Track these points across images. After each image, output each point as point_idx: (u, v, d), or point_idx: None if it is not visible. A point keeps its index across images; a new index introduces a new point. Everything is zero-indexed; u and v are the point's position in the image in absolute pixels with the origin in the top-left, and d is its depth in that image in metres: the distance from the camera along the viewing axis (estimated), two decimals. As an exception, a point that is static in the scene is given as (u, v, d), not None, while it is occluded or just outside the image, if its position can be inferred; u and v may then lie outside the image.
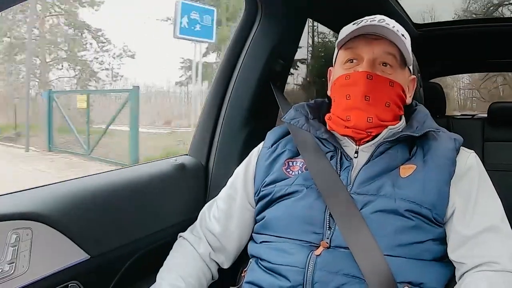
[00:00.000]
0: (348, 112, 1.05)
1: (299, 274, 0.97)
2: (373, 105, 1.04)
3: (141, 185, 1.24)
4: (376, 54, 1.06)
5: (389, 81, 1.06)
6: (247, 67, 1.45)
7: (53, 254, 0.96)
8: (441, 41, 2.63)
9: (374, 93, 1.04)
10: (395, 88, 1.07)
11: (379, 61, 1.06)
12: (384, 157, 1.05)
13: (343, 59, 1.10)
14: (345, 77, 1.07)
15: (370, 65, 1.05)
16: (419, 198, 0.98)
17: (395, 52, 1.06)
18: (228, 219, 1.18)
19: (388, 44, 1.05)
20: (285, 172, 1.12)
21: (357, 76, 1.05)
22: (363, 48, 1.06)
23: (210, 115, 1.48)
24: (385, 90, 1.05)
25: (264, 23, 1.45)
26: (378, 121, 1.05)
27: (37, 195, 1.01)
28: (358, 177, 1.03)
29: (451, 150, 1.04)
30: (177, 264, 1.13)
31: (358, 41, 1.07)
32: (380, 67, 1.07)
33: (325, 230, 1.00)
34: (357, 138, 1.07)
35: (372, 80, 1.04)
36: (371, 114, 1.04)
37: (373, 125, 1.04)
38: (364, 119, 1.04)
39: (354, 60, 1.08)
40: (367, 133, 1.05)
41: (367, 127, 1.05)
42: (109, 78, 15.77)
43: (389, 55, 1.06)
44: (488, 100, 10.85)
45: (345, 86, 1.07)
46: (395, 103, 1.08)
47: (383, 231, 0.96)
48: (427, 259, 0.97)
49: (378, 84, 1.05)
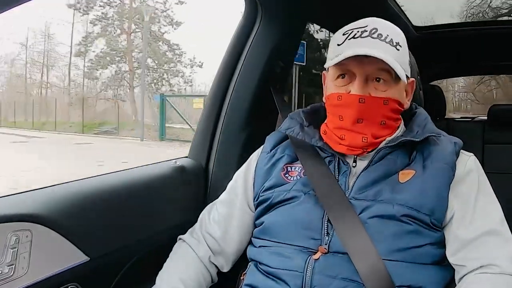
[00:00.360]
0: (342, 132, 1.04)
1: (298, 278, 0.97)
2: (367, 127, 1.02)
3: (141, 187, 1.24)
4: (368, 72, 1.01)
5: (383, 100, 1.02)
6: (247, 69, 1.45)
7: (53, 256, 0.96)
8: (441, 44, 2.64)
9: (368, 115, 1.01)
10: (390, 105, 1.03)
11: (372, 77, 1.02)
12: (383, 162, 1.04)
13: (334, 74, 1.05)
14: (337, 98, 1.04)
15: (361, 86, 1.01)
16: (418, 203, 0.97)
17: (388, 67, 0.99)
18: (228, 223, 1.18)
19: (381, 61, 0.98)
20: (284, 178, 1.11)
21: (349, 99, 1.02)
22: (354, 67, 1.01)
23: (210, 117, 1.48)
24: (379, 110, 1.02)
25: (264, 26, 1.45)
26: (373, 139, 1.03)
27: (37, 197, 1.01)
28: (357, 182, 1.03)
29: (450, 154, 1.03)
30: (177, 267, 1.13)
31: (349, 58, 0.99)
32: (373, 83, 1.02)
33: (323, 236, 1.00)
34: (357, 156, 1.06)
35: (365, 103, 1.00)
36: (366, 134, 1.02)
37: (368, 143, 1.03)
38: (359, 139, 1.02)
39: (346, 75, 1.04)
40: (363, 149, 1.04)
41: (362, 146, 1.03)
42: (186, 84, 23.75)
43: (382, 71, 1.01)
44: (483, 102, 11.15)
45: (337, 107, 1.04)
46: (391, 119, 1.05)
47: (381, 236, 0.96)
48: (425, 263, 0.97)
49: (371, 105, 1.01)
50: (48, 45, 26.93)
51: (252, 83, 1.45)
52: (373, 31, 1.02)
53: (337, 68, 1.04)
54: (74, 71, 26.18)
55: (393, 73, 1.01)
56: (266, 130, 1.47)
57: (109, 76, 23.83)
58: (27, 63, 26.90)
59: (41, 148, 14.05)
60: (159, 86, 23.11)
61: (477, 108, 10.93)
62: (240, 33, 1.47)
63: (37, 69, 27.32)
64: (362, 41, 1.01)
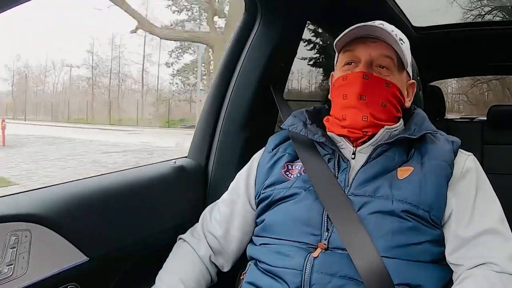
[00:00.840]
0: (344, 111, 1.07)
1: (297, 276, 0.97)
2: (368, 104, 1.05)
3: (140, 187, 1.24)
4: (373, 56, 1.07)
5: (385, 81, 1.07)
6: (246, 69, 1.45)
7: (52, 256, 0.96)
8: (441, 44, 2.64)
9: (370, 92, 1.05)
10: (391, 88, 1.08)
11: (376, 63, 1.08)
12: (381, 159, 1.05)
13: (342, 62, 1.12)
14: (343, 78, 1.09)
15: (366, 66, 1.07)
16: (416, 199, 0.98)
17: (392, 55, 1.08)
18: (229, 222, 1.18)
19: (385, 47, 1.07)
20: (284, 175, 1.12)
21: (353, 76, 1.07)
22: (360, 50, 1.08)
23: (210, 117, 1.48)
24: (381, 90, 1.07)
25: (264, 26, 1.45)
26: (373, 119, 1.05)
27: (36, 197, 1.01)
28: (356, 178, 1.04)
29: (448, 152, 1.04)
30: (177, 266, 1.13)
31: (356, 44, 1.08)
32: (377, 69, 1.08)
33: (323, 232, 1.00)
34: (353, 138, 1.08)
35: (368, 80, 1.06)
36: (366, 113, 1.05)
37: (368, 124, 1.05)
38: (359, 117, 1.05)
39: (353, 62, 1.10)
40: (363, 132, 1.06)
41: (362, 126, 1.05)
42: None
43: (386, 57, 1.08)
44: (475, 103, 11.89)
45: (342, 87, 1.09)
46: (392, 104, 1.08)
47: (380, 232, 0.97)
48: (424, 261, 0.97)
49: (374, 84, 1.06)
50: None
51: (252, 82, 1.45)
52: (380, 24, 1.08)
53: (345, 55, 1.11)
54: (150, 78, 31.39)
55: (395, 62, 1.08)
56: (266, 129, 1.47)
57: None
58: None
59: (163, 135, 16.82)
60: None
61: (469, 109, 12.06)
62: (240, 32, 1.47)
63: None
64: (371, 28, 1.07)
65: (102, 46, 40.37)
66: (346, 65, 1.11)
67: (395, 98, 1.09)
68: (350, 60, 1.10)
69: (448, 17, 4.08)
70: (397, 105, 1.10)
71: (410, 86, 1.16)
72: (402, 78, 1.11)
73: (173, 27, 24.83)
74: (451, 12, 4.19)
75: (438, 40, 2.60)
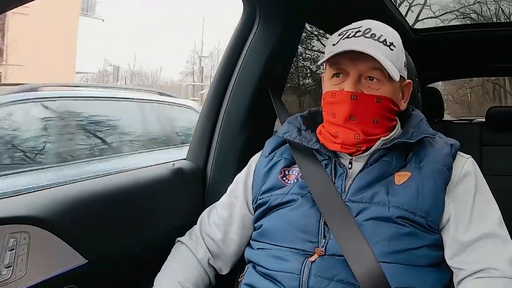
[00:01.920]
0: (336, 129, 1.05)
1: (295, 280, 0.97)
2: (359, 124, 1.02)
3: (139, 189, 1.24)
4: (361, 70, 1.02)
5: (376, 97, 1.03)
6: (245, 71, 1.45)
7: (51, 258, 0.96)
8: (439, 46, 2.64)
9: (360, 112, 1.02)
10: (383, 103, 1.04)
11: (365, 76, 1.03)
12: (379, 164, 1.04)
13: (330, 74, 1.08)
14: (331, 95, 1.05)
15: (354, 83, 1.02)
16: (413, 205, 0.97)
17: (381, 66, 1.01)
18: (228, 226, 1.18)
19: (373, 59, 1.00)
20: (281, 181, 1.12)
21: (341, 96, 1.03)
22: (348, 64, 1.03)
23: (208, 119, 1.48)
24: (371, 108, 1.03)
25: (262, 27, 1.45)
26: (366, 136, 1.03)
27: (35, 199, 1.01)
28: (353, 184, 1.03)
29: (447, 155, 1.03)
30: (175, 269, 1.13)
31: (343, 57, 1.03)
32: (366, 82, 1.03)
33: (320, 239, 1.00)
34: (347, 153, 1.07)
35: (357, 100, 1.02)
36: (358, 131, 1.02)
37: (361, 140, 1.03)
38: (352, 136, 1.03)
39: (340, 74, 1.05)
40: (357, 148, 1.05)
41: (355, 143, 1.04)
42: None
43: (375, 69, 1.02)
44: (459, 102, 13.68)
45: (331, 104, 1.06)
46: (385, 117, 1.06)
47: (377, 238, 0.96)
48: (422, 265, 0.97)
49: (364, 102, 1.02)
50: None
51: (251, 85, 1.45)
52: (367, 31, 1.04)
53: (332, 67, 1.07)
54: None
55: (386, 72, 1.02)
56: (265, 132, 1.47)
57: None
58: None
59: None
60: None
61: (454, 107, 13.30)
62: (238, 34, 1.47)
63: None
64: (356, 40, 1.03)
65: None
66: (334, 77, 1.07)
67: (388, 111, 1.06)
68: (337, 72, 1.06)
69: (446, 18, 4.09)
70: (391, 116, 1.08)
71: (406, 86, 1.12)
72: (394, 87, 1.06)
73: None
74: (449, 13, 4.19)
75: (436, 42, 2.61)
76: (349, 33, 1.05)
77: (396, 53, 1.05)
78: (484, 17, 5.21)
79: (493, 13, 5.33)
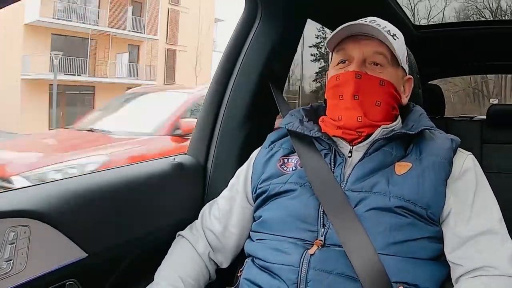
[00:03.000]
0: (340, 112, 1.06)
1: (293, 273, 0.97)
2: (362, 104, 1.05)
3: (139, 183, 1.24)
4: (366, 53, 1.06)
5: (379, 80, 1.06)
6: (246, 67, 1.45)
7: (51, 252, 0.96)
8: (440, 43, 2.64)
9: (363, 92, 1.05)
10: (386, 87, 1.06)
11: (369, 61, 1.07)
12: (379, 153, 1.05)
13: (336, 61, 1.11)
14: (336, 78, 1.08)
15: (359, 64, 1.06)
16: (414, 196, 0.98)
17: (385, 51, 1.06)
18: (228, 219, 1.18)
19: (378, 44, 1.06)
20: (280, 169, 1.13)
21: (346, 76, 1.06)
22: (352, 48, 1.07)
23: (209, 114, 1.48)
24: (374, 89, 1.05)
25: (264, 24, 1.45)
26: (368, 120, 1.05)
27: (35, 193, 1.01)
28: (353, 174, 1.03)
29: (447, 150, 1.03)
30: (176, 263, 1.13)
31: (348, 42, 1.07)
32: (371, 66, 1.07)
33: (319, 228, 1.00)
34: (348, 139, 1.07)
35: (361, 79, 1.04)
36: (360, 114, 1.04)
37: (363, 124, 1.05)
38: (354, 118, 1.04)
39: (346, 61, 1.09)
40: (358, 133, 1.05)
41: (357, 126, 1.05)
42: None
43: (379, 54, 1.06)
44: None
45: (336, 87, 1.08)
46: (387, 102, 1.07)
47: (377, 229, 0.96)
48: (422, 257, 0.97)
49: (367, 82, 1.05)
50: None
51: (252, 80, 1.45)
52: (372, 21, 1.07)
53: (337, 53, 1.10)
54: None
55: (388, 58, 1.06)
56: (265, 127, 1.47)
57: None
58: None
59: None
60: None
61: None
62: (240, 30, 1.47)
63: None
64: (361, 26, 1.06)
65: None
66: (339, 64, 1.10)
67: (390, 97, 1.08)
68: (343, 59, 1.09)
69: (448, 15, 4.08)
70: (393, 103, 1.09)
71: (407, 82, 1.14)
72: (397, 75, 1.10)
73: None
74: (451, 10, 4.19)
75: (438, 39, 2.60)
76: (353, 23, 1.07)
77: (400, 44, 1.09)
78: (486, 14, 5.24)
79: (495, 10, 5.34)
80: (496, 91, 16.63)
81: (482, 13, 5.89)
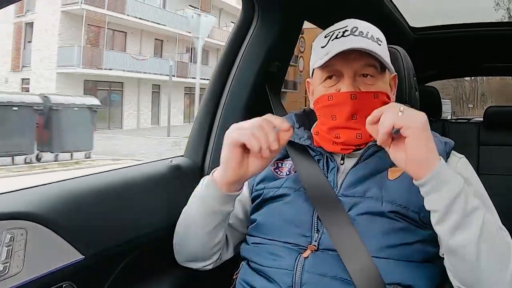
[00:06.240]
0: (337, 130, 1.05)
1: (288, 276, 0.97)
2: (361, 122, 1.01)
3: (136, 185, 1.23)
4: (356, 69, 1.04)
5: (373, 93, 1.04)
6: (243, 69, 1.45)
7: (48, 254, 0.95)
8: (437, 45, 2.64)
9: (361, 110, 1.02)
10: (380, 98, 1.05)
11: (359, 74, 1.05)
12: (372, 159, 1.05)
13: (322, 76, 1.08)
14: (328, 98, 1.06)
15: (351, 83, 1.03)
16: (406, 201, 0.98)
17: (374, 61, 1.04)
18: (232, 218, 1.17)
19: (366, 56, 1.02)
20: (274, 172, 1.14)
21: (340, 97, 1.03)
22: (342, 65, 1.04)
23: (206, 116, 1.48)
24: (370, 104, 1.03)
25: (261, 25, 1.45)
26: (367, 135, 1.02)
27: (32, 195, 1.01)
28: (346, 179, 1.04)
29: (440, 153, 1.01)
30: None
31: (335, 58, 1.02)
32: (361, 79, 1.05)
33: (313, 233, 1.00)
34: (345, 154, 1.07)
35: (357, 99, 1.03)
36: (360, 131, 1.03)
37: (363, 140, 1.04)
38: (353, 136, 1.04)
39: (334, 76, 1.06)
40: (356, 146, 1.05)
41: (356, 143, 1.05)
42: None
43: (369, 66, 1.04)
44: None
45: (329, 107, 1.06)
46: None
47: (371, 233, 0.97)
48: (416, 260, 0.97)
49: (363, 100, 1.03)
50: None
51: (249, 82, 1.45)
52: (354, 29, 1.05)
53: (324, 70, 1.07)
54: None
55: (378, 67, 1.05)
56: (262, 129, 1.46)
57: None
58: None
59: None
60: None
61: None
62: (237, 32, 1.47)
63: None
64: (345, 39, 1.04)
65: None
66: (327, 80, 1.07)
67: (384, 105, 1.04)
68: (331, 74, 1.06)
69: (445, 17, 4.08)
70: None
71: (392, 80, 1.13)
72: (386, 80, 1.09)
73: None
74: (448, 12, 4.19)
75: (435, 41, 2.61)
76: (336, 33, 1.06)
77: (384, 48, 1.08)
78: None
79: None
80: (471, 98, 19.93)
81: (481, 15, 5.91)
